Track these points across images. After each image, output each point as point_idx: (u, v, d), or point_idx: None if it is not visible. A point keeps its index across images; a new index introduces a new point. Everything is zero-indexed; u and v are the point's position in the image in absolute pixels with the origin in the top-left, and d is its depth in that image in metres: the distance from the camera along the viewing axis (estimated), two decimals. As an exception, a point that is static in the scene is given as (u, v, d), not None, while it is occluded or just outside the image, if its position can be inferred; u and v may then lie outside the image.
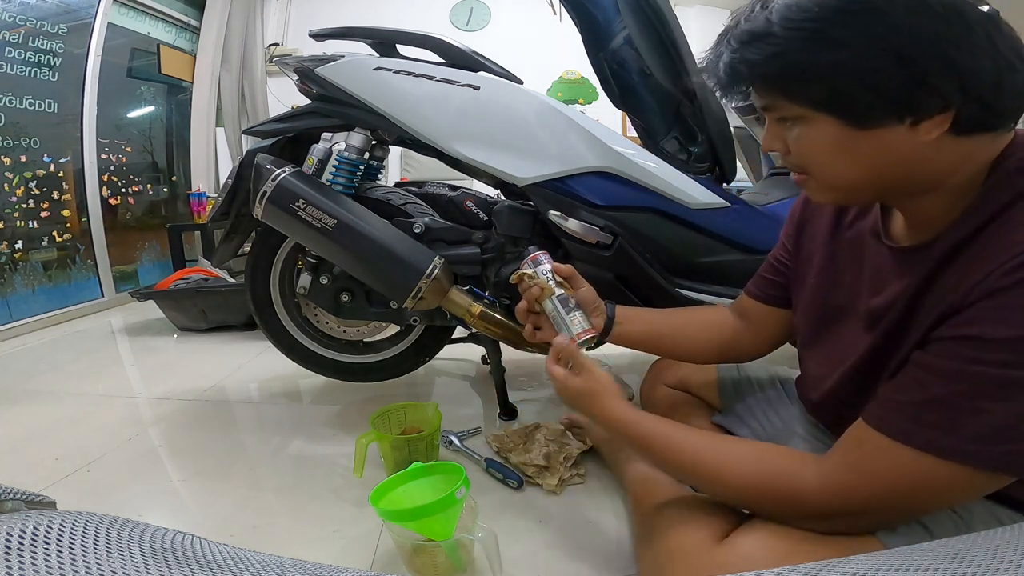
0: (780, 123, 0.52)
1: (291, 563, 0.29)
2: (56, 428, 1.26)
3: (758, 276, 0.79)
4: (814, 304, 0.66)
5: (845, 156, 0.48)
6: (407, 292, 1.00)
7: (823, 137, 0.48)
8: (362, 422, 1.19)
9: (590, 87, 3.74)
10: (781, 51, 0.45)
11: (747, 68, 0.48)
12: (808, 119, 0.48)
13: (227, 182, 1.18)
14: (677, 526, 0.61)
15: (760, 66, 0.47)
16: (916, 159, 0.46)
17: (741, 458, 0.56)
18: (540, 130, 1.07)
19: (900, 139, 0.45)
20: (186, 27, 3.29)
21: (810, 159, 0.51)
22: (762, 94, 0.50)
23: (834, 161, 0.49)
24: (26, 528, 0.22)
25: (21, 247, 2.28)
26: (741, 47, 0.48)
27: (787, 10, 0.45)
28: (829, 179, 0.51)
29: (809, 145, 0.50)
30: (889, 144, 0.46)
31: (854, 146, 0.47)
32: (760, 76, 0.48)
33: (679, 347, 0.83)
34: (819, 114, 0.47)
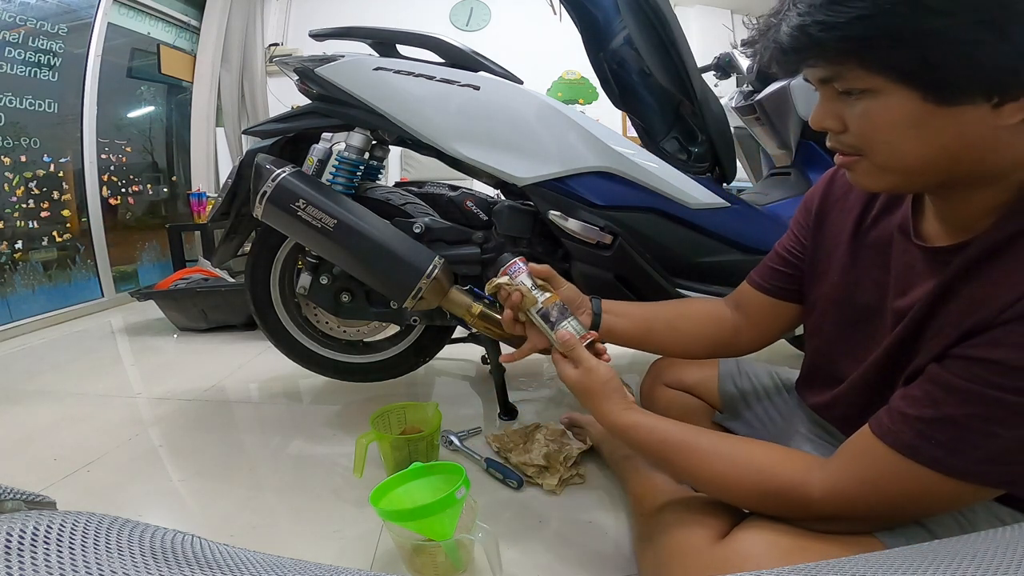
0: (840, 98, 0.47)
1: (291, 563, 0.29)
2: (56, 428, 1.26)
3: (764, 266, 0.75)
4: (838, 303, 0.64)
5: (917, 134, 0.44)
6: (407, 292, 1.00)
7: (896, 112, 0.44)
8: (362, 422, 1.19)
9: (590, 87, 3.74)
10: (870, 14, 0.41)
11: (824, 31, 0.43)
12: (880, 92, 0.44)
13: (227, 182, 1.18)
14: (677, 525, 0.61)
15: (842, 28, 0.42)
16: (990, 144, 0.43)
17: (744, 466, 0.56)
18: (540, 130, 1.07)
19: (980, 120, 0.42)
20: (186, 27, 3.29)
21: (873, 137, 0.46)
22: (832, 62, 0.45)
23: (903, 139, 0.45)
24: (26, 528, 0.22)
25: (21, 247, 2.28)
26: (815, 8, 0.43)
27: None
28: (891, 160, 0.47)
29: (877, 121, 0.45)
30: (967, 124, 0.42)
31: (930, 123, 0.43)
32: (840, 39, 0.43)
33: (671, 341, 0.80)
34: (897, 86, 0.43)
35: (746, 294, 0.77)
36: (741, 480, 0.55)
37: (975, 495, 0.46)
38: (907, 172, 0.47)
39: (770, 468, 0.54)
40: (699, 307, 0.81)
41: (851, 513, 0.50)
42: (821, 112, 0.49)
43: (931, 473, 0.45)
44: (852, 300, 0.62)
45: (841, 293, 0.63)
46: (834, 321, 0.65)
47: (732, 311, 0.79)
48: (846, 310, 0.63)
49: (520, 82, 1.13)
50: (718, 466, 0.57)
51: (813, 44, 0.44)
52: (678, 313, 0.80)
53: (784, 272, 0.72)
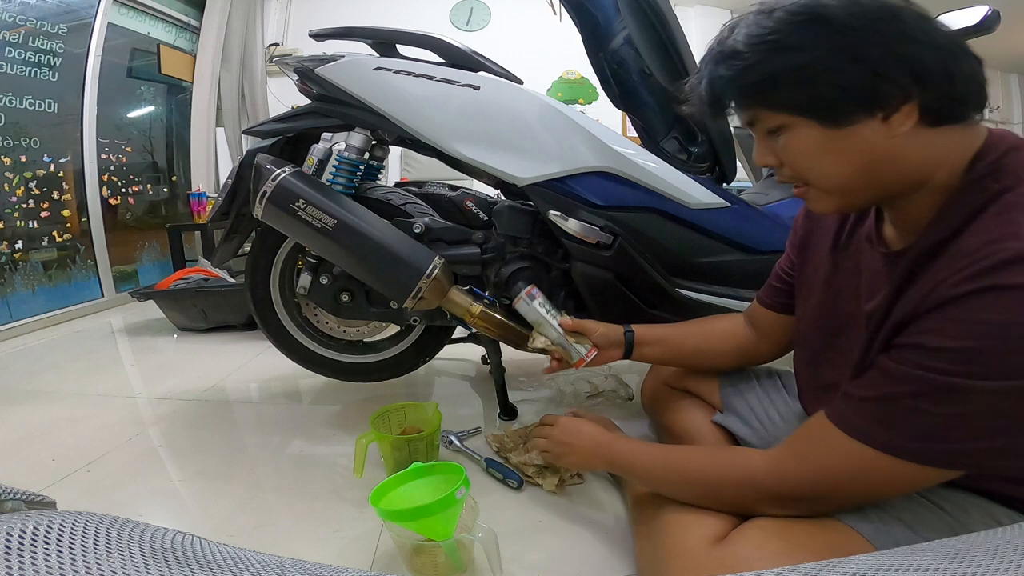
0: (768, 137, 0.55)
1: (291, 563, 0.29)
2: (56, 428, 1.26)
3: (768, 285, 0.82)
4: (822, 314, 0.68)
5: (830, 157, 0.51)
6: (407, 292, 1.00)
7: (806, 141, 0.51)
8: (362, 422, 1.19)
9: (590, 87, 3.74)
10: (752, 63, 0.50)
11: (723, 84, 0.53)
12: (790, 126, 0.52)
13: (227, 182, 1.18)
14: (676, 526, 0.61)
15: (735, 80, 0.51)
16: (897, 154, 0.49)
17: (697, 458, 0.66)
18: (540, 130, 1.07)
19: (876, 134, 0.48)
20: (186, 27, 3.29)
21: (800, 166, 0.53)
22: (744, 108, 0.54)
23: (822, 163, 0.52)
24: (26, 528, 0.22)
25: (21, 247, 2.28)
26: (716, 67, 0.53)
27: (749, 28, 0.50)
28: (824, 183, 0.53)
29: (795, 151, 0.53)
30: (867, 140, 0.49)
31: (835, 145, 0.50)
32: (737, 89, 0.52)
33: (700, 360, 0.89)
34: (798, 118, 0.51)
35: (756, 311, 0.84)
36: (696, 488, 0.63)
37: (913, 475, 0.48)
38: (842, 192, 0.53)
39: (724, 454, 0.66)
40: (721, 325, 0.89)
41: (792, 490, 0.54)
42: (759, 153, 0.57)
43: (867, 449, 0.49)
44: (834, 309, 0.65)
45: (825, 303, 0.67)
46: (819, 331, 0.68)
47: (747, 327, 0.86)
48: (829, 319, 0.66)
49: (520, 82, 1.13)
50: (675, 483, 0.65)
51: (723, 96, 0.54)
52: (703, 333, 0.89)
53: (783, 289, 0.78)
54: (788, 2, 0.49)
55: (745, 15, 0.52)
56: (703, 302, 1.09)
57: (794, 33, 0.48)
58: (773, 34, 0.48)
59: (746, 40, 0.50)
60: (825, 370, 0.67)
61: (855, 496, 0.53)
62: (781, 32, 0.48)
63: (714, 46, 0.54)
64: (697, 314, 1.10)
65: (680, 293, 1.09)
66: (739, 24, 0.52)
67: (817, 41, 0.47)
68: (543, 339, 0.92)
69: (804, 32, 0.47)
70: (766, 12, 0.50)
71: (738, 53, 0.50)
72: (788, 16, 0.48)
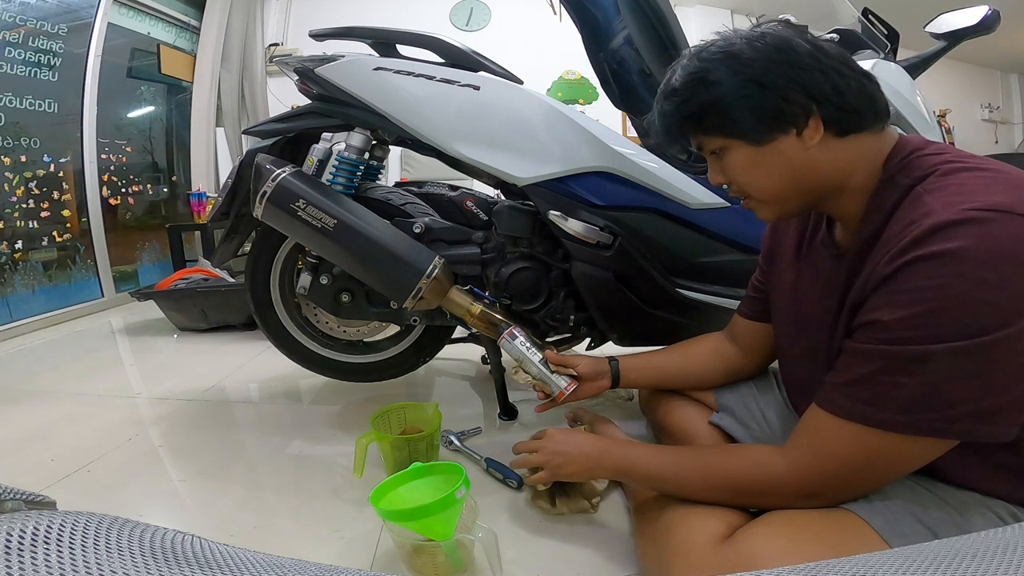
0: (714, 158, 0.63)
1: (291, 563, 0.29)
2: (56, 428, 1.26)
3: (746, 297, 0.86)
4: (792, 318, 0.72)
5: (760, 171, 0.60)
6: (407, 292, 1.00)
7: (739, 159, 0.60)
8: (362, 422, 1.19)
9: (590, 87, 3.74)
10: (684, 99, 0.60)
11: (668, 117, 0.63)
12: (727, 148, 0.61)
13: (227, 182, 1.18)
14: (680, 525, 0.61)
15: (675, 113, 0.61)
16: (814, 163, 0.57)
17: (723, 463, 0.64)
18: (540, 130, 1.07)
19: (794, 148, 0.57)
20: (186, 27, 3.29)
21: (740, 181, 0.62)
22: (691, 135, 0.64)
23: (756, 177, 0.60)
24: (26, 528, 0.22)
25: (21, 247, 2.28)
26: (663, 103, 0.63)
27: (684, 69, 0.60)
28: (761, 194, 0.62)
29: (734, 168, 0.61)
30: (787, 154, 0.58)
31: (763, 160, 0.59)
32: (679, 121, 0.62)
33: (686, 382, 0.92)
34: (730, 140, 0.60)
35: (737, 324, 0.88)
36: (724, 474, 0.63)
37: (918, 448, 0.51)
38: (777, 200, 0.62)
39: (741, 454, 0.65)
40: (703, 346, 0.92)
41: (819, 485, 0.56)
42: (711, 173, 0.65)
43: (867, 430, 0.51)
44: (802, 312, 0.69)
45: (793, 308, 0.72)
46: (791, 335, 0.73)
47: (729, 342, 0.89)
48: (799, 321, 0.70)
49: (520, 82, 1.13)
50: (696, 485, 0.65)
51: (670, 127, 0.63)
52: (685, 356, 0.92)
53: (759, 299, 0.83)
54: (712, 44, 0.59)
55: (682, 58, 0.62)
56: (703, 302, 1.09)
57: (714, 69, 0.57)
58: (700, 72, 0.58)
59: (681, 78, 0.60)
60: (803, 369, 0.70)
61: (874, 479, 0.55)
62: (706, 70, 0.58)
63: (663, 86, 0.63)
64: (697, 313, 1.11)
65: (680, 293, 1.09)
66: (678, 66, 0.62)
67: (731, 74, 0.57)
68: (524, 375, 0.93)
69: (721, 67, 0.57)
70: (697, 54, 0.60)
71: (676, 91, 0.60)
72: (711, 55, 0.58)
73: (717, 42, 0.59)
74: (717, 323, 0.98)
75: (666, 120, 0.63)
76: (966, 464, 0.53)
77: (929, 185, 0.51)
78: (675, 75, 0.61)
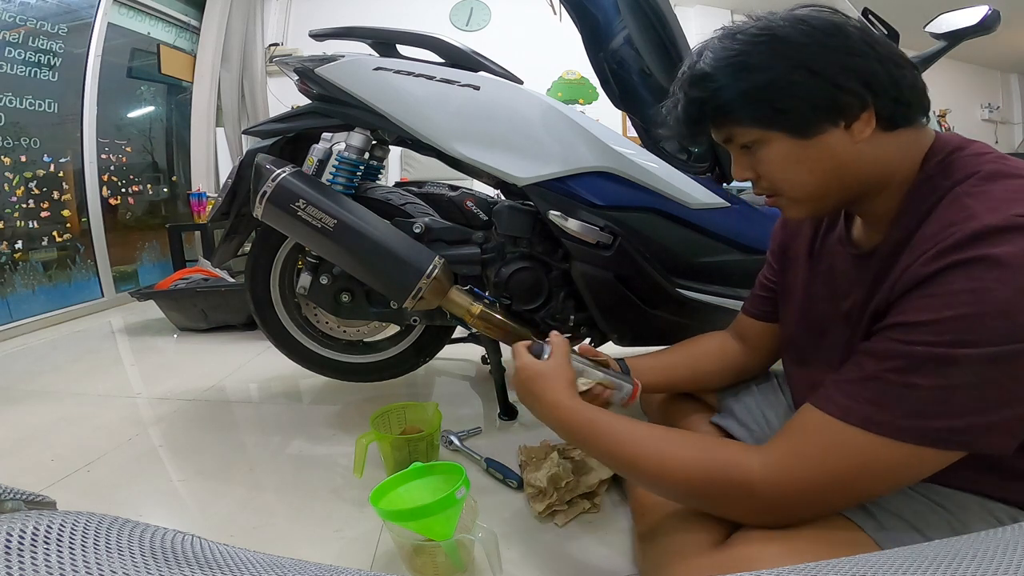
0: (743, 152, 0.58)
1: (291, 563, 0.29)
2: (56, 428, 1.26)
3: (752, 296, 0.83)
4: (804, 317, 0.69)
5: (802, 166, 0.55)
6: (407, 292, 1.00)
7: (779, 153, 0.55)
8: (362, 422, 1.19)
9: (590, 87, 3.74)
10: (723, 84, 0.54)
11: (698, 106, 0.56)
12: (763, 140, 0.55)
13: (227, 182, 1.18)
14: (679, 527, 0.61)
15: (709, 101, 0.55)
16: (861, 159, 0.53)
17: (684, 448, 0.57)
18: (540, 130, 1.07)
19: (841, 142, 0.53)
20: (186, 27, 3.29)
21: (774, 177, 0.57)
22: (719, 127, 0.57)
23: (794, 173, 0.55)
24: (26, 528, 0.22)
25: (21, 247, 2.28)
26: (690, 90, 0.56)
27: (716, 52, 0.55)
28: (797, 192, 0.57)
29: (770, 163, 0.56)
30: (833, 148, 0.53)
31: (806, 155, 0.54)
32: (712, 110, 0.56)
33: (696, 383, 0.88)
34: (769, 132, 0.54)
35: (743, 323, 0.85)
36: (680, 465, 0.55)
37: (913, 459, 0.47)
38: (814, 198, 0.57)
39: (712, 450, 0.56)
40: (710, 344, 0.88)
41: (796, 493, 0.50)
42: (736, 168, 0.60)
43: (862, 433, 0.47)
44: (814, 312, 0.67)
45: (805, 308, 0.69)
46: (802, 334, 0.70)
47: (736, 340, 0.86)
48: (811, 322, 0.68)
49: (520, 82, 1.13)
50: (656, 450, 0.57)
51: (699, 117, 0.57)
52: (693, 356, 0.88)
53: (767, 298, 0.80)
54: (747, 27, 0.54)
55: (710, 40, 0.56)
56: (703, 302, 1.09)
57: (757, 53, 0.52)
58: (739, 56, 0.53)
59: (715, 63, 0.54)
60: (812, 372, 0.67)
61: (855, 493, 0.51)
62: (746, 53, 0.52)
63: (685, 71, 0.57)
64: (697, 313, 1.10)
65: (680, 293, 1.09)
66: (706, 48, 0.56)
67: (778, 59, 0.51)
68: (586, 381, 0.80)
69: (766, 52, 0.52)
70: (730, 36, 0.54)
71: (708, 76, 0.54)
72: (750, 39, 0.53)
73: (754, 23, 0.54)
74: (717, 323, 0.98)
75: (693, 109, 0.57)
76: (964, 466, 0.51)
77: (971, 188, 0.48)
78: (704, 59, 0.55)
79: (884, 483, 0.50)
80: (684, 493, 0.57)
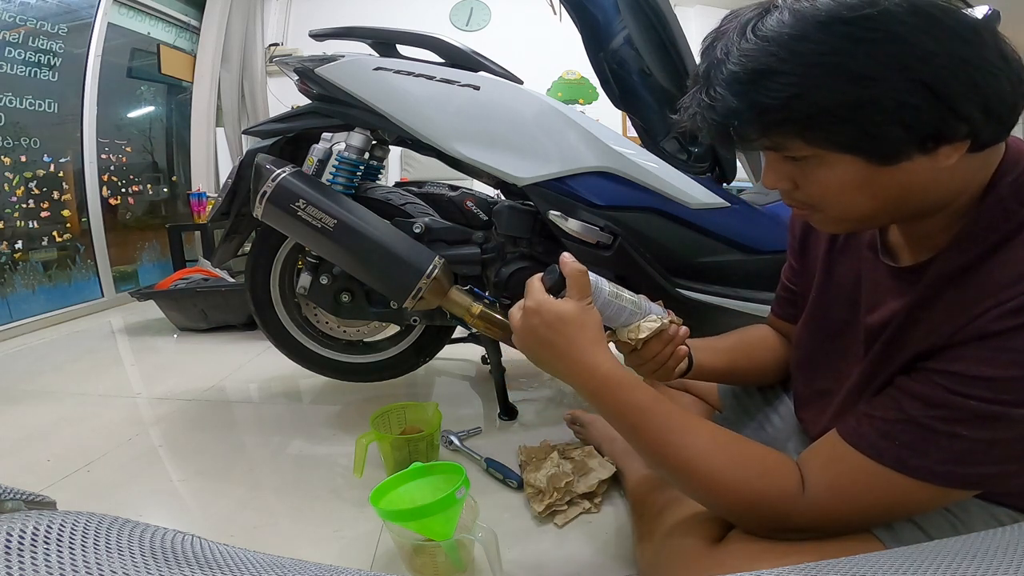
0: (784, 161, 0.47)
1: (291, 563, 0.29)
2: (56, 428, 1.26)
3: (777, 297, 0.77)
4: (816, 318, 0.65)
5: (865, 192, 0.45)
6: (407, 292, 1.00)
7: (844, 177, 0.44)
8: (362, 422, 1.19)
9: (590, 87, 3.74)
10: (799, 92, 0.40)
11: (760, 114, 0.42)
12: (825, 159, 0.44)
13: (227, 182, 1.18)
14: (679, 527, 0.61)
15: (778, 112, 0.41)
16: (935, 184, 0.44)
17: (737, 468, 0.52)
18: (540, 130, 1.07)
19: (921, 168, 0.42)
20: (186, 27, 3.29)
21: (824, 198, 0.47)
22: (771, 136, 0.44)
23: (853, 199, 0.46)
24: (26, 528, 0.22)
25: (21, 247, 2.28)
26: (745, 88, 0.41)
27: (790, 42, 0.39)
28: (844, 214, 0.48)
29: (824, 184, 0.46)
30: (910, 174, 0.43)
31: (876, 181, 0.44)
32: (777, 122, 0.42)
33: (750, 373, 0.77)
34: (841, 155, 0.43)
35: (776, 325, 0.79)
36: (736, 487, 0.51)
37: (944, 498, 0.47)
38: (861, 220, 0.49)
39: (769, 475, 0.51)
40: (764, 334, 0.79)
41: (826, 523, 0.50)
42: (772, 176, 0.49)
43: (896, 475, 0.46)
44: (828, 315, 0.63)
45: (819, 309, 0.65)
46: (813, 335, 0.66)
47: (776, 336, 0.79)
48: (823, 324, 0.64)
49: (520, 82, 1.13)
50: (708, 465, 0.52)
51: (750, 126, 0.43)
52: (749, 343, 0.78)
53: (789, 299, 0.74)
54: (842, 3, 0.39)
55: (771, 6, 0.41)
56: (703, 302, 1.09)
57: (864, 56, 0.38)
58: (834, 55, 0.39)
59: (790, 56, 0.39)
60: (817, 375, 0.65)
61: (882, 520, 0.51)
62: (845, 53, 0.38)
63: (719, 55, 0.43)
64: (697, 314, 1.10)
65: (680, 293, 1.09)
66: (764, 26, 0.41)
67: (893, 69, 0.38)
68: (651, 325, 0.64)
69: (877, 55, 0.38)
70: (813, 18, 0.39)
71: (779, 73, 0.40)
72: (855, 31, 0.38)
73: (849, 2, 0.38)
74: (717, 323, 0.98)
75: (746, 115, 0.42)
76: None
77: None
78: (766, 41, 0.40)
79: (911, 513, 0.50)
80: (723, 509, 0.54)
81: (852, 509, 0.49)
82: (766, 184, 0.50)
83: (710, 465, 0.52)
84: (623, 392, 0.55)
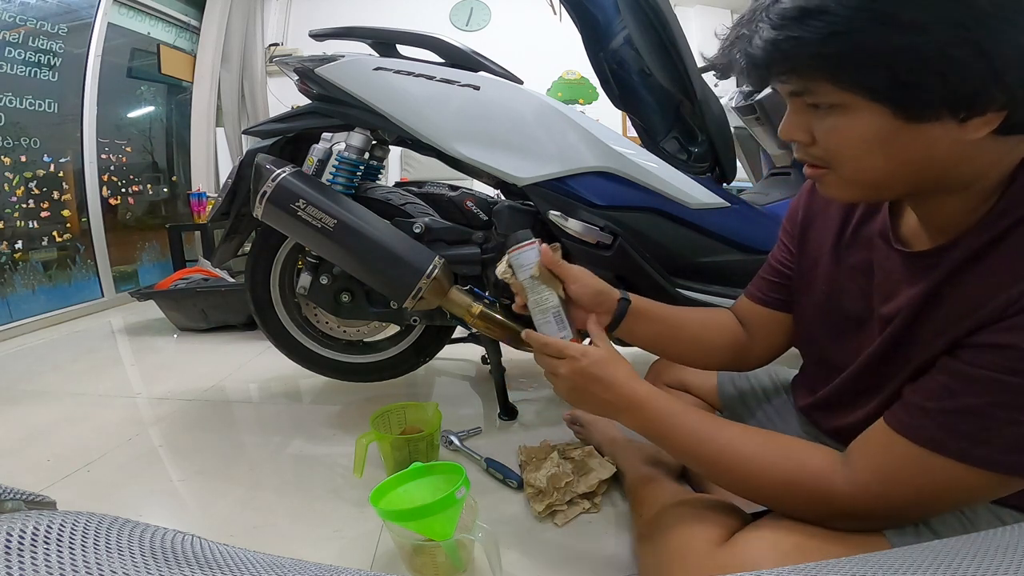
0: (809, 110, 0.47)
1: (291, 563, 0.29)
2: (56, 428, 1.26)
3: (759, 279, 0.75)
4: (826, 311, 0.64)
5: (884, 150, 0.44)
6: (407, 292, 1.00)
7: (865, 128, 0.44)
8: (362, 422, 1.19)
9: (590, 87, 3.74)
10: (843, 30, 0.40)
11: (796, 47, 0.42)
12: (849, 108, 0.44)
13: (227, 182, 1.18)
14: (679, 527, 0.61)
15: (815, 46, 0.41)
16: (955, 157, 0.43)
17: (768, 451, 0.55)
18: (540, 130, 1.07)
19: (946, 135, 0.42)
20: (186, 27, 3.29)
21: (840, 151, 0.46)
22: (803, 77, 0.45)
23: (869, 155, 0.45)
24: (26, 528, 0.22)
25: (21, 247, 2.28)
26: (789, 23, 0.42)
27: None
28: (857, 174, 0.47)
29: (845, 136, 0.45)
30: (934, 140, 0.42)
31: (897, 139, 0.43)
32: (813, 56, 0.42)
33: (693, 351, 0.77)
34: (868, 103, 0.42)
35: (746, 308, 0.76)
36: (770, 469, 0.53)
37: (1004, 485, 0.45)
38: (873, 185, 0.48)
39: (798, 456, 0.53)
40: (717, 318, 0.78)
41: (875, 510, 0.49)
42: (790, 124, 0.49)
43: (957, 465, 0.44)
44: (840, 307, 0.61)
45: (829, 301, 0.63)
46: (825, 329, 0.64)
47: (738, 323, 0.78)
48: (835, 318, 0.62)
49: (520, 82, 1.13)
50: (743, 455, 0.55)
51: (785, 59, 0.43)
52: (702, 323, 0.77)
53: (778, 283, 0.72)
54: None
55: None
56: (703, 302, 1.09)
57: (918, 6, 0.38)
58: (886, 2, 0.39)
59: None
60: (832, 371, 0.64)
61: (935, 510, 0.50)
62: (899, 3, 0.38)
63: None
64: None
65: (680, 293, 1.09)
66: None
67: (946, 23, 0.38)
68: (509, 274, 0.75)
69: (932, 7, 0.38)
70: None
71: (827, 12, 0.40)
72: None
73: None
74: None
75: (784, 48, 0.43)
76: None
77: None
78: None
79: (963, 503, 0.49)
80: (764, 495, 0.56)
81: (904, 497, 0.48)
82: (782, 135, 0.50)
83: (743, 453, 0.55)
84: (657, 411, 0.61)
